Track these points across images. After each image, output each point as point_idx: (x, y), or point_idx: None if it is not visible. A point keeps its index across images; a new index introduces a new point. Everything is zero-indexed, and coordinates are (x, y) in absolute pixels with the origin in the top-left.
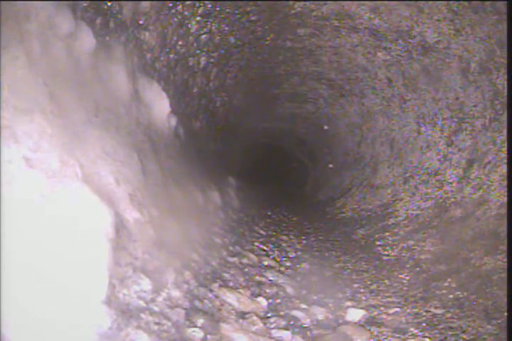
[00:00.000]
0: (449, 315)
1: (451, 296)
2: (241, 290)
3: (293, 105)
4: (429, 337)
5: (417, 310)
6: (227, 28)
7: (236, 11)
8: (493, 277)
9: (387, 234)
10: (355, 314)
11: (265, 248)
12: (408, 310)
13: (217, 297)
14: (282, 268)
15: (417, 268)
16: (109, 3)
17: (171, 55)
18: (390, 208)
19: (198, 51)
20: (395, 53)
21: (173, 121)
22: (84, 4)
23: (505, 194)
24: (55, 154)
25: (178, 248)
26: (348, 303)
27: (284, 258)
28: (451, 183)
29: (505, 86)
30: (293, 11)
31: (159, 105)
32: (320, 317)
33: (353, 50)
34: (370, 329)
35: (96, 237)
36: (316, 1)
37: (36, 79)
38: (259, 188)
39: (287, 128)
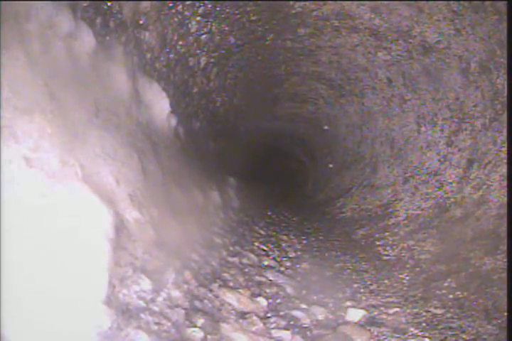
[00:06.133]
0: (449, 315)
1: (451, 296)
2: (241, 290)
3: (293, 105)
4: (429, 337)
5: (417, 310)
6: (227, 28)
7: (236, 11)
8: (493, 277)
9: (387, 234)
10: (355, 314)
11: (265, 248)
12: (408, 310)
13: (217, 297)
14: (282, 268)
15: (417, 268)
16: (109, 3)
17: (171, 55)
18: (390, 208)
19: (198, 51)
20: (395, 53)
21: (173, 121)
22: (84, 4)
23: (505, 194)
24: (55, 154)
25: (178, 248)
26: (348, 303)
27: (284, 258)
28: (451, 183)
29: (505, 86)
30: (293, 11)
31: (159, 105)
32: (320, 317)
33: (353, 50)
34: (370, 329)
35: (96, 237)
36: (316, 1)
37: (36, 79)
38: (259, 188)
39: (287, 128)
